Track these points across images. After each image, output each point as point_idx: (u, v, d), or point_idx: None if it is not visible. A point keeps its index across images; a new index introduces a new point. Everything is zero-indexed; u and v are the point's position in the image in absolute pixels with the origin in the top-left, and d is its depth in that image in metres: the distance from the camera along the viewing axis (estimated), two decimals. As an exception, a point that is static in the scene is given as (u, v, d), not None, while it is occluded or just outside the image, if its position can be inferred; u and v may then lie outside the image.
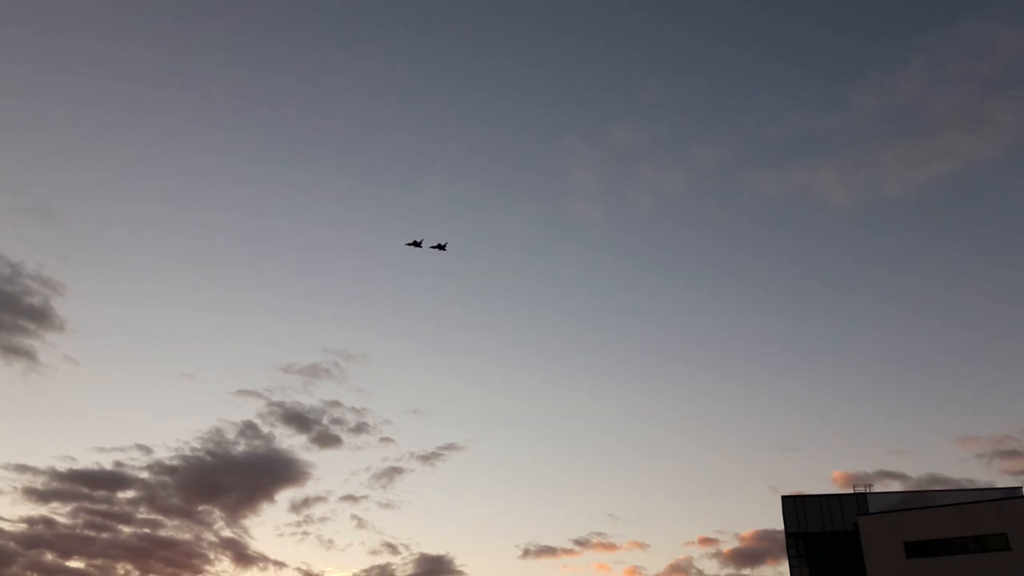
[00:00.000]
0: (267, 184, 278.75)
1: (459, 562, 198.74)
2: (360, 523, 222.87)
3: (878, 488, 72.64)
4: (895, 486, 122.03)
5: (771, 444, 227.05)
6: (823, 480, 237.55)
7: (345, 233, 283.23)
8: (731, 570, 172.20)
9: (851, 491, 71.32)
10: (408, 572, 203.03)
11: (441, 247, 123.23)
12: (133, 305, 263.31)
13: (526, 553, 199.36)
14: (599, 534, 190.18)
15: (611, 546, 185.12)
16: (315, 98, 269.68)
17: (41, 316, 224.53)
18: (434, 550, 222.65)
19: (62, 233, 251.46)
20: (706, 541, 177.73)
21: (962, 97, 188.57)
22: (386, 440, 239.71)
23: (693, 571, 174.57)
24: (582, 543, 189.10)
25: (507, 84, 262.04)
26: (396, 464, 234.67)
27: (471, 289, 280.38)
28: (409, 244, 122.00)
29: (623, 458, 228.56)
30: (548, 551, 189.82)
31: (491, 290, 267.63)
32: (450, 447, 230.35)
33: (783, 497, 71.81)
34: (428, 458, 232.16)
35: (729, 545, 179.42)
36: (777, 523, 74.91)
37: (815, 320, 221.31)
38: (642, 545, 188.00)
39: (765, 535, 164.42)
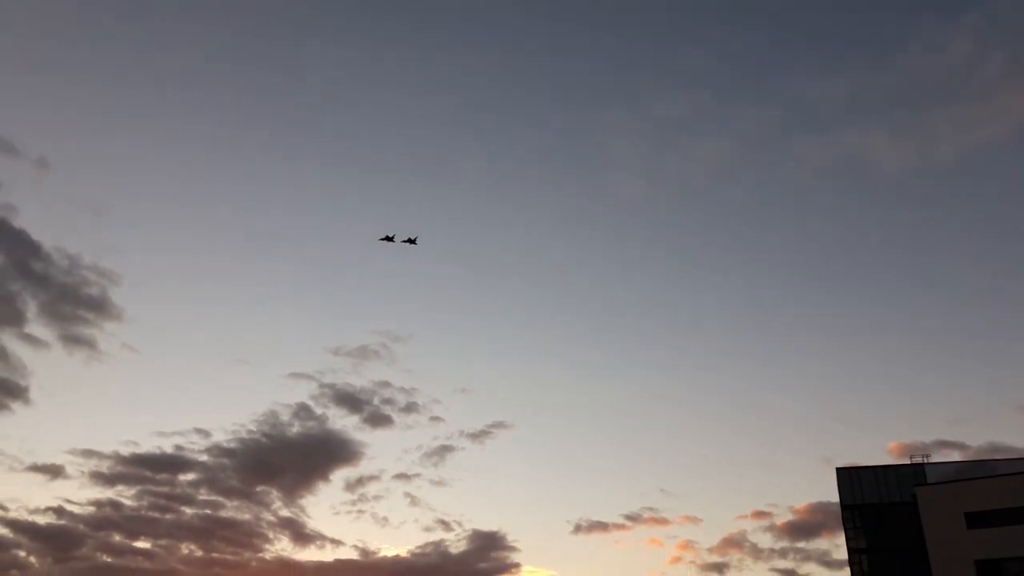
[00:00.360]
0: (312, 173, 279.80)
1: (511, 538, 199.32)
2: (413, 500, 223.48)
3: (936, 459, 71.52)
4: (954, 456, 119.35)
5: (825, 415, 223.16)
6: (879, 451, 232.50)
7: (388, 212, 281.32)
8: (785, 543, 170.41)
9: (908, 462, 70.51)
10: (462, 548, 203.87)
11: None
12: (186, 293, 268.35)
13: (578, 528, 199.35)
14: (650, 509, 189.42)
15: (663, 521, 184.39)
16: (350, 83, 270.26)
17: (99, 306, 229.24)
18: (486, 526, 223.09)
19: (116, 225, 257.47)
20: (759, 515, 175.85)
21: (1018, 55, 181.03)
22: (435, 419, 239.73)
23: (747, 545, 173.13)
24: (633, 518, 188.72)
25: (545, 58, 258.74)
26: (446, 442, 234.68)
27: (514, 267, 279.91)
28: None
29: (674, 432, 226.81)
30: (600, 526, 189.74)
31: (534, 268, 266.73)
32: (498, 425, 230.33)
33: (838, 469, 71.36)
34: (477, 436, 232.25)
35: (783, 518, 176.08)
36: (832, 495, 74.27)
37: (869, 288, 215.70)
38: (694, 520, 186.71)
39: (820, 508, 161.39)
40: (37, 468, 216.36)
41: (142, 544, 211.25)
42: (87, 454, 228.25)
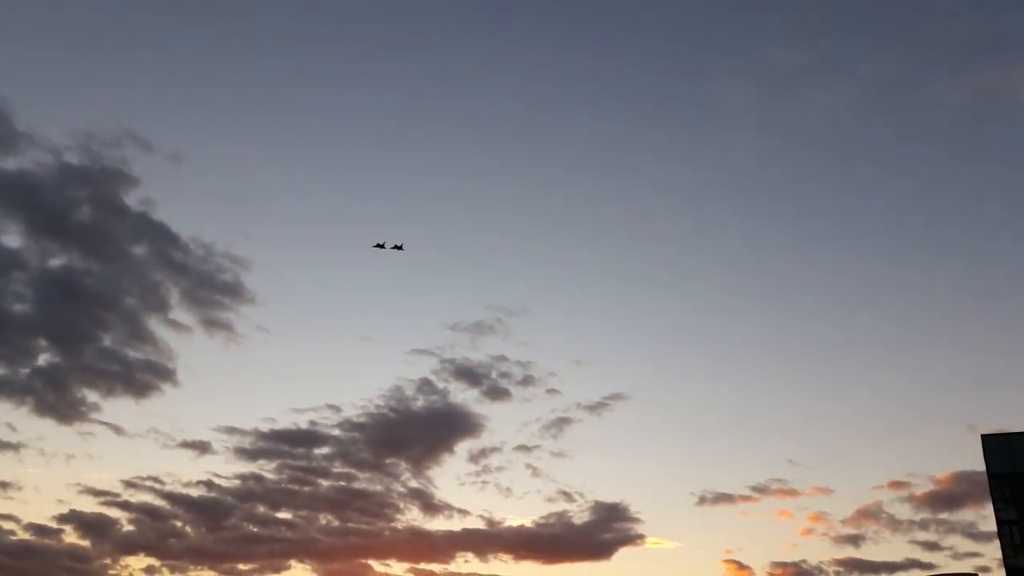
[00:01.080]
0: (424, 153, 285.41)
1: (634, 509, 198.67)
2: (535, 472, 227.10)
3: (1098, 422, 66.12)
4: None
5: (968, 378, 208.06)
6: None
7: (498, 193, 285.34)
8: (926, 514, 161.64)
9: (1064, 427, 65.89)
10: (584, 519, 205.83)
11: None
12: (313, 275, 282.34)
13: (702, 500, 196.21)
14: (778, 480, 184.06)
15: (792, 492, 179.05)
16: (456, 64, 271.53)
17: (234, 291, 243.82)
18: (609, 498, 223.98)
19: (246, 214, 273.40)
20: (897, 485, 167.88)
21: None
22: (552, 392, 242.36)
23: (883, 516, 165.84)
24: (760, 489, 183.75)
25: (649, 16, 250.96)
26: (564, 415, 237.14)
27: (627, 238, 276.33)
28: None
29: (802, 400, 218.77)
30: (725, 498, 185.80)
31: (648, 237, 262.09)
32: (616, 397, 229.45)
33: (984, 436, 68.12)
34: (595, 408, 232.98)
35: (923, 488, 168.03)
36: (978, 464, 71.00)
37: (1015, 240, 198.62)
38: (826, 491, 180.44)
39: (964, 477, 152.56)
40: (187, 444, 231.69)
41: (283, 515, 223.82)
42: (230, 431, 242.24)
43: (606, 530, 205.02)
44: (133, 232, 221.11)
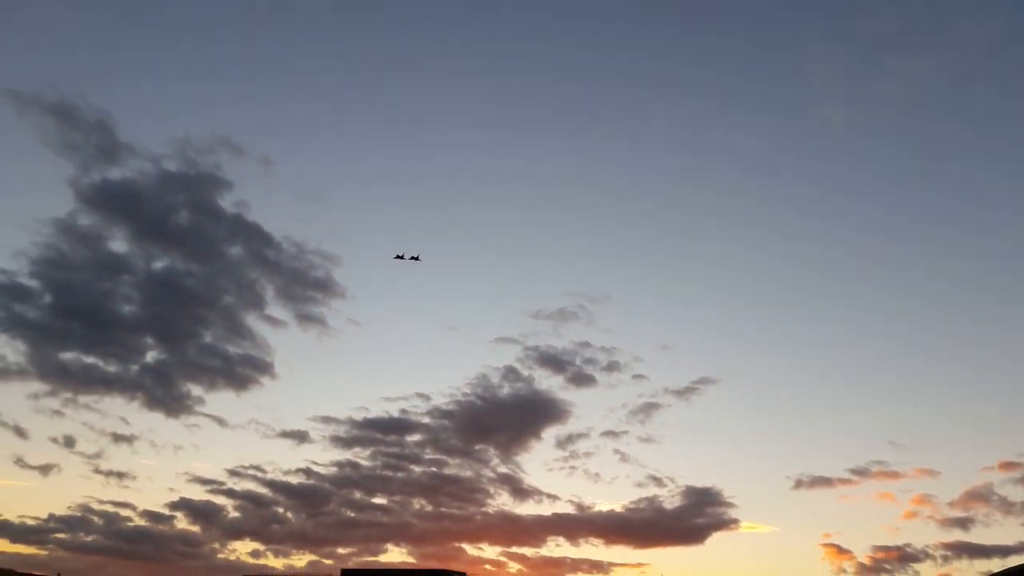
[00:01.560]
0: (500, 140, 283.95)
1: (728, 494, 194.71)
2: (623, 457, 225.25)
3: None
4: None
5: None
6: None
7: (577, 178, 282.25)
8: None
9: None
10: (676, 504, 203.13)
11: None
12: (399, 268, 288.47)
13: (799, 484, 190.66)
14: (879, 462, 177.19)
15: (894, 474, 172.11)
16: (534, 40, 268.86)
17: (325, 286, 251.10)
18: (700, 482, 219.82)
19: (333, 210, 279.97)
20: (1008, 466, 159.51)
21: None
22: (639, 377, 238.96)
23: (994, 499, 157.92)
24: (860, 472, 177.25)
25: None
26: (651, 400, 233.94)
27: (710, 217, 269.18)
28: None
29: (903, 380, 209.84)
30: (823, 481, 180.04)
31: (734, 216, 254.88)
32: (704, 381, 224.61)
33: None
34: (683, 393, 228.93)
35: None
36: None
37: None
38: (931, 472, 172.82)
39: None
40: (286, 434, 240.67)
41: (379, 500, 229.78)
42: (326, 420, 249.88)
43: (698, 515, 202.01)
44: (229, 233, 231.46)
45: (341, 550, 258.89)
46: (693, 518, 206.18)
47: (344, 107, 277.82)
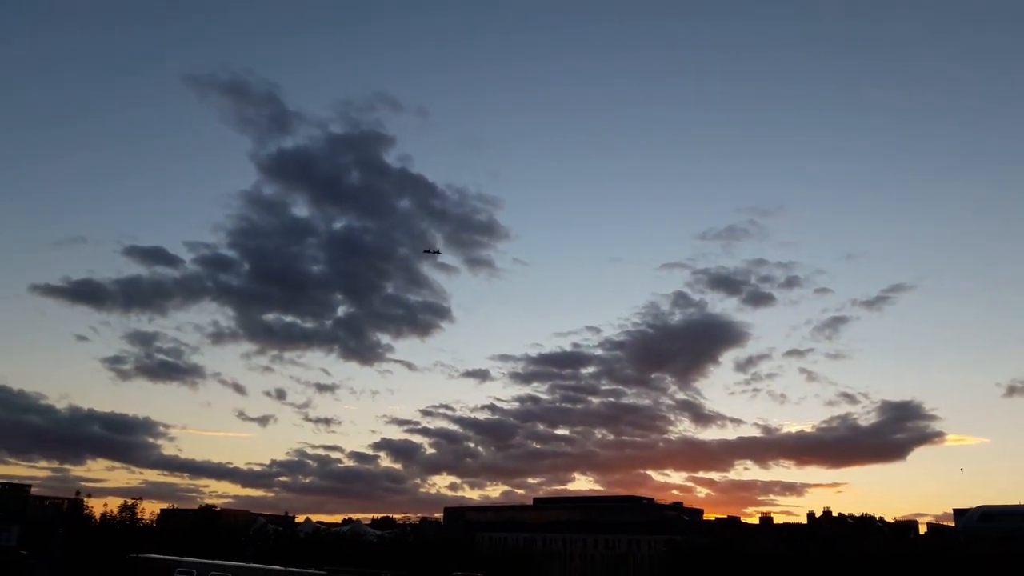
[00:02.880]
0: (652, 61, 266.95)
1: (929, 406, 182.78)
2: (810, 376, 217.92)
3: None
4: None
5: None
6: None
7: (738, 84, 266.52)
8: None
9: None
10: (871, 421, 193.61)
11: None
12: (559, 204, 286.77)
13: (1011, 391, 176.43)
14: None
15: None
16: None
17: (489, 229, 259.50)
18: (898, 396, 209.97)
19: (491, 154, 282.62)
20: None
21: None
22: (822, 291, 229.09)
23: None
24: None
25: None
26: (837, 314, 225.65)
27: (891, 115, 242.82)
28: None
29: None
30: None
31: (919, 112, 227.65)
32: (897, 288, 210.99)
33: None
34: (873, 303, 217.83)
35: None
36: None
37: None
38: None
39: None
40: (469, 374, 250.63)
41: (561, 431, 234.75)
42: (504, 358, 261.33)
43: (897, 430, 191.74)
44: (396, 187, 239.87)
45: (531, 480, 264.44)
46: (892, 434, 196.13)
47: (492, 49, 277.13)
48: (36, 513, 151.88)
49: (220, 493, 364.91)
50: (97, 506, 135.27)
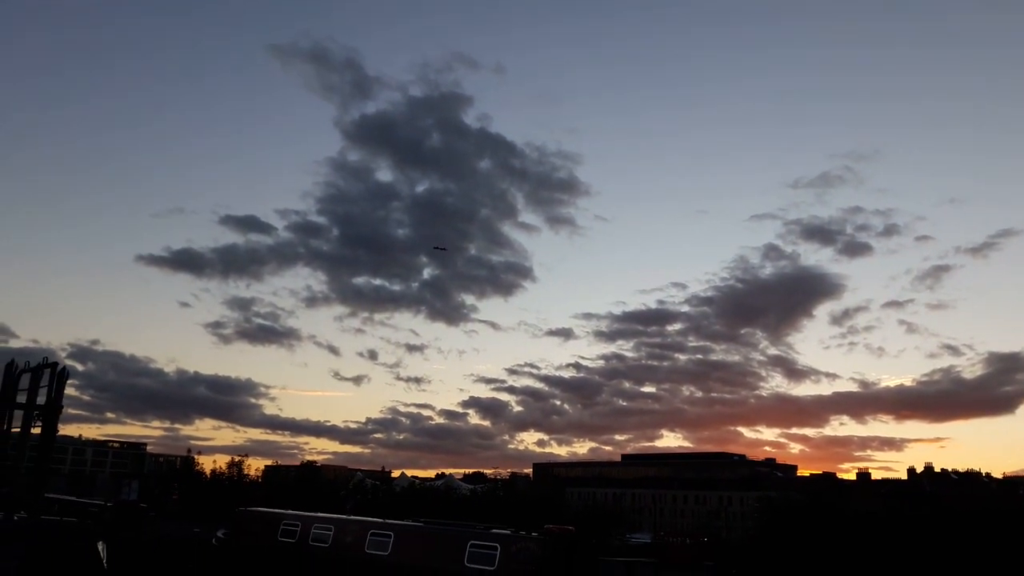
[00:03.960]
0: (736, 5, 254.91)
1: None
2: (909, 328, 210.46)
3: None
4: None
5: None
6: None
7: (830, 22, 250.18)
8: None
9: None
10: (977, 373, 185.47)
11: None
12: (640, 159, 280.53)
13: None
14: None
15: None
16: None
17: (569, 186, 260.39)
18: (1006, 347, 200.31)
19: (568, 110, 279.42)
20: None
21: None
22: (923, 238, 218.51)
23: None
24: None
25: None
26: (939, 262, 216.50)
27: (993, 53, 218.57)
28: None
29: None
30: None
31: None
32: (1004, 233, 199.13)
33: None
34: (978, 250, 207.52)
35: None
36: None
37: None
38: None
39: None
40: (553, 332, 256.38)
41: (648, 388, 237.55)
42: (587, 317, 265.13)
43: (1005, 382, 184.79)
44: (476, 148, 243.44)
45: (618, 436, 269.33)
46: (999, 386, 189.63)
47: (566, 3, 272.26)
48: (152, 469, 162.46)
49: (319, 450, 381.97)
50: (207, 463, 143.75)
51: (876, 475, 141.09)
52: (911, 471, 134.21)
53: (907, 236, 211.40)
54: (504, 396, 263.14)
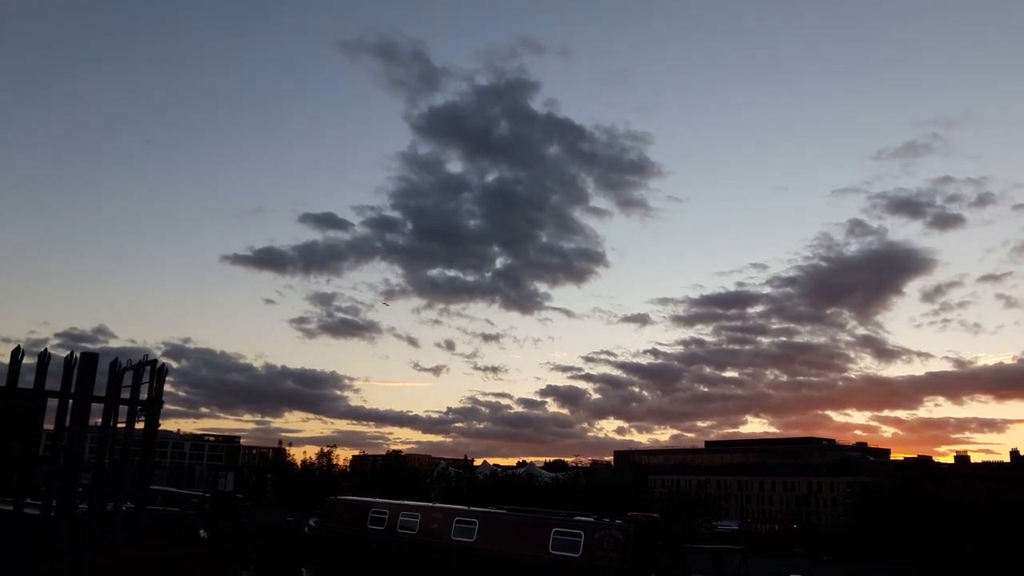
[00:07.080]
0: None
1: None
2: (1008, 302, 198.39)
3: None
4: None
5: None
6: None
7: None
8: None
9: None
10: None
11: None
12: (713, 136, 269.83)
13: None
14: None
15: None
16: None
17: (640, 168, 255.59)
18: None
19: (636, 89, 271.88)
20: None
21: None
22: (1020, 207, 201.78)
23: None
24: None
25: None
26: None
27: None
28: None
29: None
30: None
31: None
32: None
33: None
34: None
35: None
36: None
37: None
38: None
39: None
40: (628, 318, 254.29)
41: (730, 373, 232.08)
42: (664, 301, 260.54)
43: None
44: (544, 134, 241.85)
45: (700, 423, 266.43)
46: None
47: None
48: (246, 461, 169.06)
49: (404, 439, 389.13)
50: (297, 454, 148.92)
51: (976, 458, 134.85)
52: (1014, 453, 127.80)
53: (1003, 205, 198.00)
54: (581, 384, 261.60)
